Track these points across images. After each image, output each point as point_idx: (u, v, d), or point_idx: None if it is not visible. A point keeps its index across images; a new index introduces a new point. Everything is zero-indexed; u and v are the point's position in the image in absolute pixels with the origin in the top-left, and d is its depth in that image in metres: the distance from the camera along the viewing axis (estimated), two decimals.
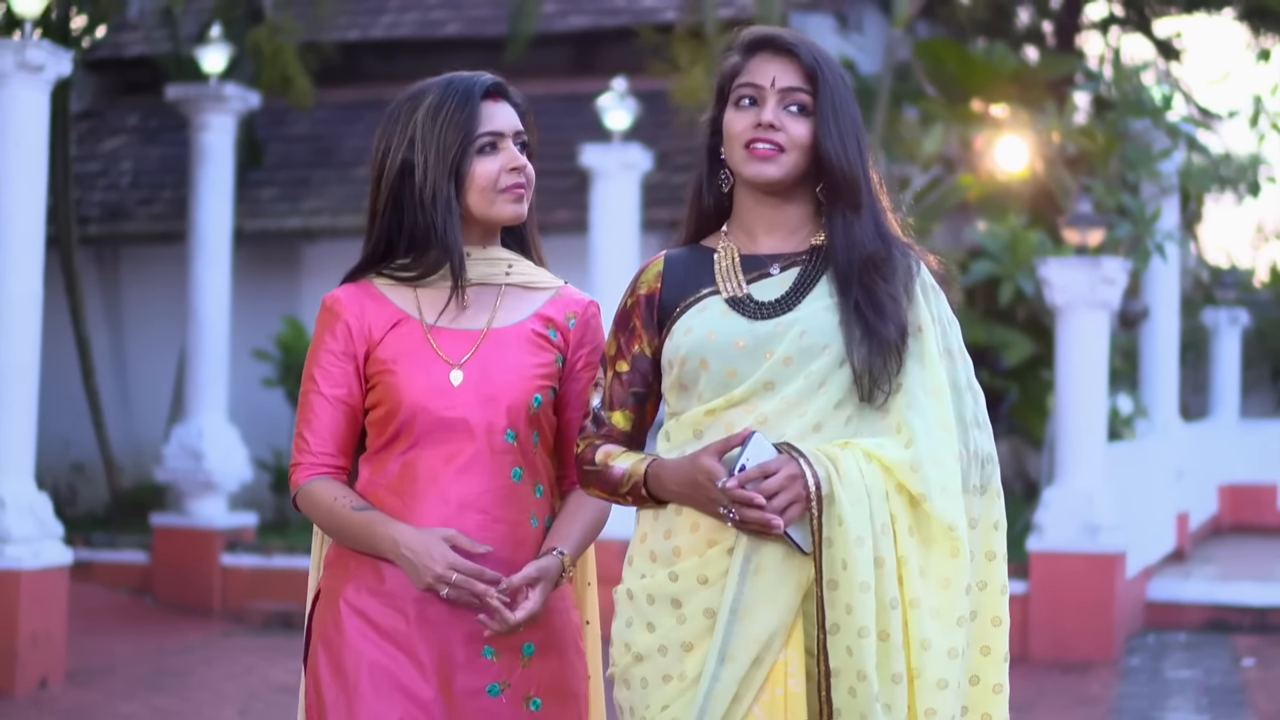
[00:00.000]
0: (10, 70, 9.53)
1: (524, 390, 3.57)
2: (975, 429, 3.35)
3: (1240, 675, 11.36)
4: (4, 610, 9.39)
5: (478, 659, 3.50)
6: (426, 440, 3.53)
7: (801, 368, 3.28)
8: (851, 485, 3.18)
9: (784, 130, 3.34)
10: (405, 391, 3.53)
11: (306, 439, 3.60)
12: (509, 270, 3.66)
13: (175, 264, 15.79)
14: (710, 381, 3.32)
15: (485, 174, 3.56)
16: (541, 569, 3.49)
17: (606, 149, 12.83)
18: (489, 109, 3.58)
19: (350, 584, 3.55)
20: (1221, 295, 21.95)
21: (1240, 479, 21.07)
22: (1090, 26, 21.92)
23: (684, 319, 3.38)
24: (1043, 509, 11.99)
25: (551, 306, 3.69)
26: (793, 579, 3.22)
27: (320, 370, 3.60)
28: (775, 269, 3.39)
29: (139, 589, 13.21)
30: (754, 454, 3.18)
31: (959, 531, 3.21)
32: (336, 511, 3.54)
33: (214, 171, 13.48)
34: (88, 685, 9.80)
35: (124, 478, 15.84)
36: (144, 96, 17.96)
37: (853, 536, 3.16)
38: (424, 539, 3.44)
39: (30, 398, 9.66)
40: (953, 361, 3.36)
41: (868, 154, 3.42)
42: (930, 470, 3.21)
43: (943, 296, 3.42)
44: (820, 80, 3.36)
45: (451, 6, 18.20)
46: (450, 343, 3.58)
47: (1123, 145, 14.66)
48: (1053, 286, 11.97)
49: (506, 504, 3.55)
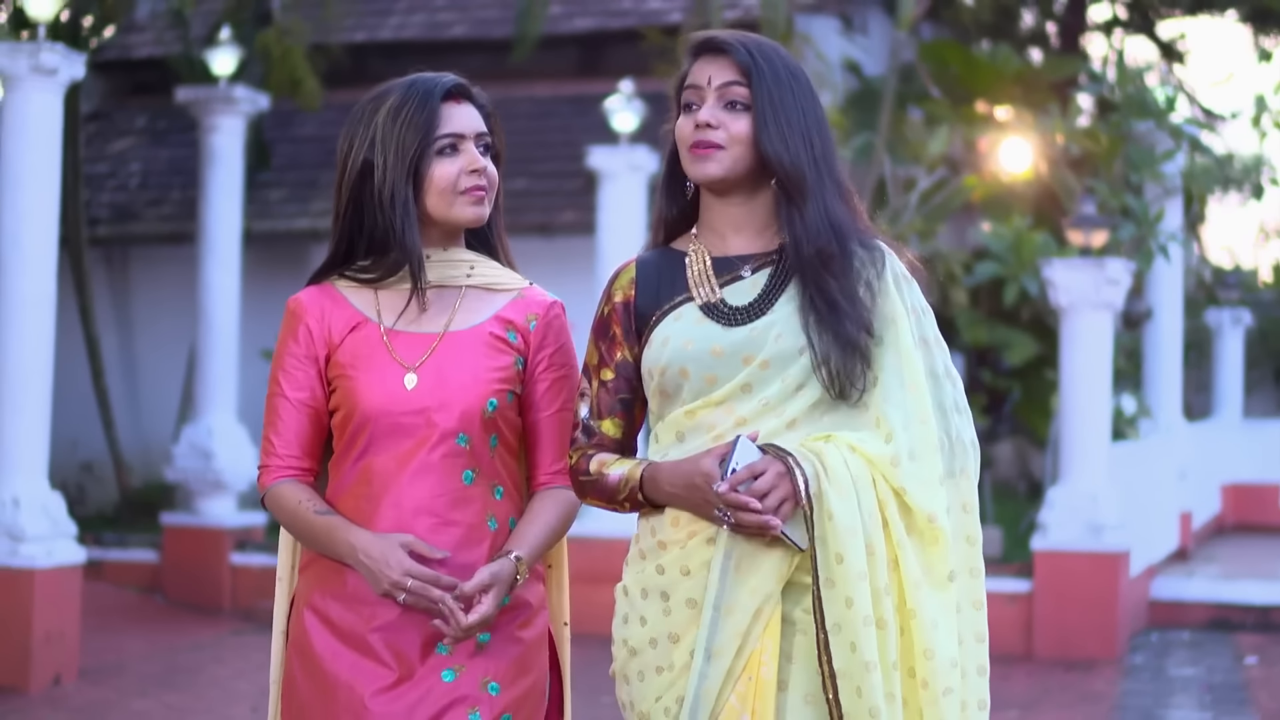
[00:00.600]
0: (24, 73, 9.62)
1: (478, 394, 3.55)
2: (956, 414, 3.36)
3: (1243, 673, 11.43)
4: (18, 608, 9.48)
5: (432, 654, 3.50)
6: (381, 444, 3.53)
7: (779, 371, 3.29)
8: (838, 479, 3.19)
9: (722, 127, 3.33)
10: (360, 395, 3.53)
11: (272, 442, 3.60)
12: (470, 272, 3.64)
13: (184, 265, 15.90)
14: (691, 388, 3.34)
15: (444, 176, 3.54)
16: (494, 574, 3.47)
17: (614, 151, 12.91)
18: (450, 110, 3.56)
19: (317, 589, 3.57)
20: (1225, 295, 22.02)
21: (1243, 479, 21.13)
22: (1094, 28, 21.99)
23: (660, 328, 3.39)
24: (1047, 508, 12.05)
25: (512, 308, 3.65)
26: (773, 571, 3.24)
27: (284, 373, 3.61)
28: (747, 271, 3.39)
29: (149, 588, 13.29)
30: (742, 457, 3.19)
31: (939, 521, 3.23)
32: (300, 515, 3.55)
33: (224, 173, 13.55)
34: (100, 683, 9.89)
35: (133, 477, 15.92)
36: (152, 98, 18.05)
37: (844, 528, 3.18)
38: (381, 545, 3.44)
39: (43, 398, 9.74)
40: (929, 350, 3.36)
41: (823, 144, 3.38)
42: (908, 465, 3.23)
43: (915, 285, 3.41)
44: (755, 74, 3.33)
45: (458, 8, 18.29)
46: (407, 346, 3.57)
47: (1126, 147, 14.73)
48: (1057, 287, 12.04)
49: (459, 507, 3.53)
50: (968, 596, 3.33)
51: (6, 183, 9.70)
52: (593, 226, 13.20)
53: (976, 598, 3.34)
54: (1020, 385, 15.53)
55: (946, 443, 3.31)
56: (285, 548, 3.71)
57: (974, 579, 3.35)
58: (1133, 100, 14.98)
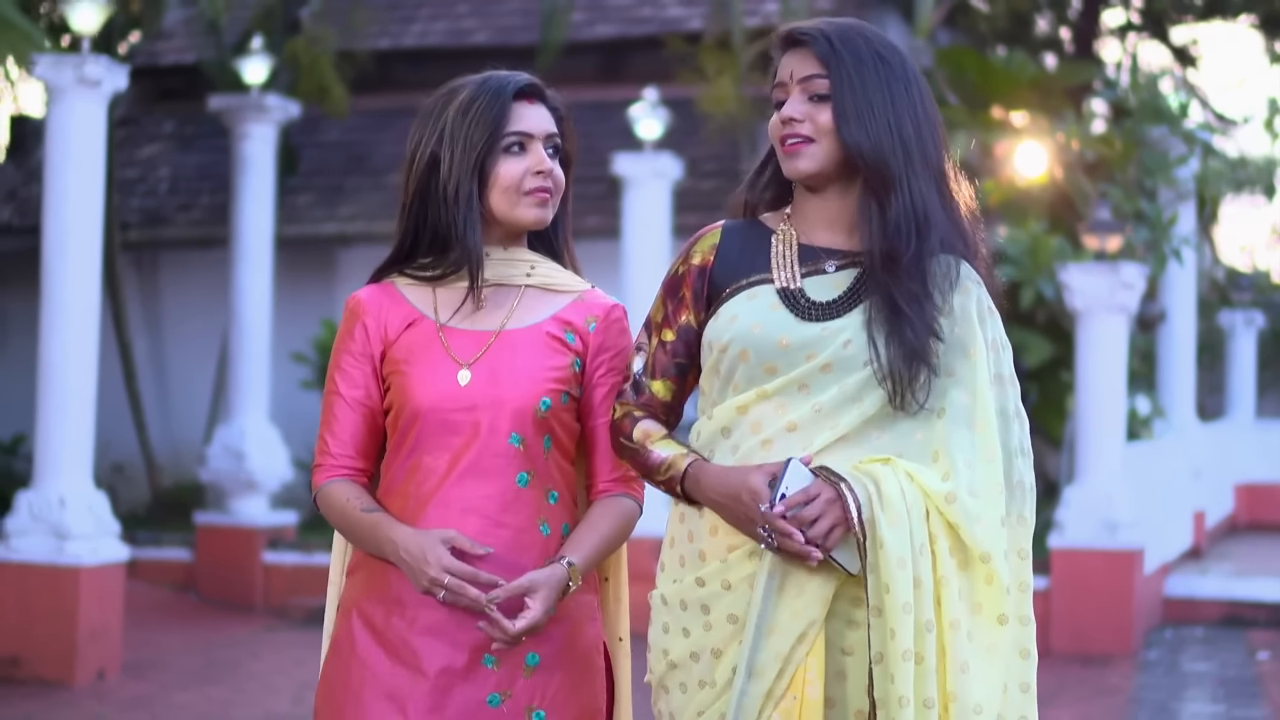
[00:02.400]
0: (69, 85, 9.89)
1: (531, 393, 3.47)
2: (1020, 457, 3.26)
3: (1255, 668, 11.65)
4: (64, 605, 9.75)
5: (478, 668, 3.41)
6: (431, 442, 3.46)
7: (839, 377, 3.19)
8: (891, 506, 3.10)
9: (807, 120, 3.25)
10: (412, 390, 3.47)
11: (327, 441, 3.56)
12: (530, 272, 3.57)
13: (213, 268, 16.20)
14: (746, 374, 3.24)
15: (509, 174, 3.48)
16: (536, 579, 3.38)
17: (638, 157, 13.14)
18: (520, 109, 3.50)
19: (364, 592, 3.51)
20: (1238, 297, 22.21)
21: (1256, 478, 21.29)
22: (1108, 33, 22.18)
23: (731, 303, 3.30)
24: (1063, 507, 12.27)
25: (572, 310, 3.57)
26: (818, 593, 3.16)
27: (340, 372, 3.56)
28: (831, 266, 3.28)
29: (182, 586, 13.54)
30: (793, 481, 3.12)
31: (994, 563, 3.14)
32: (348, 513, 3.50)
33: (255, 179, 13.82)
34: (143, 677, 10.16)
35: (163, 477, 16.20)
36: (179, 104, 18.32)
37: (894, 559, 3.09)
38: (421, 541, 3.36)
39: (88, 401, 10.01)
40: (1003, 388, 3.27)
41: (915, 127, 3.24)
42: (967, 502, 3.13)
43: (998, 318, 3.32)
44: (833, 63, 3.23)
45: (481, 15, 18.53)
46: (462, 343, 3.50)
47: (1140, 152, 14.93)
48: (1073, 291, 12.27)
49: (510, 509, 3.45)
50: (1016, 644, 3.23)
51: (51, 192, 9.97)
52: (617, 231, 13.43)
53: (1024, 646, 3.25)
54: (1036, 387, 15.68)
55: (1010, 485, 3.22)
56: (337, 551, 3.67)
57: (1024, 627, 3.25)
58: (1146, 106, 15.19)
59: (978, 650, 3.14)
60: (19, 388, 16.87)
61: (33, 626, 9.75)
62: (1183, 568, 15.25)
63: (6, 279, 18.03)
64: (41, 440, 9.97)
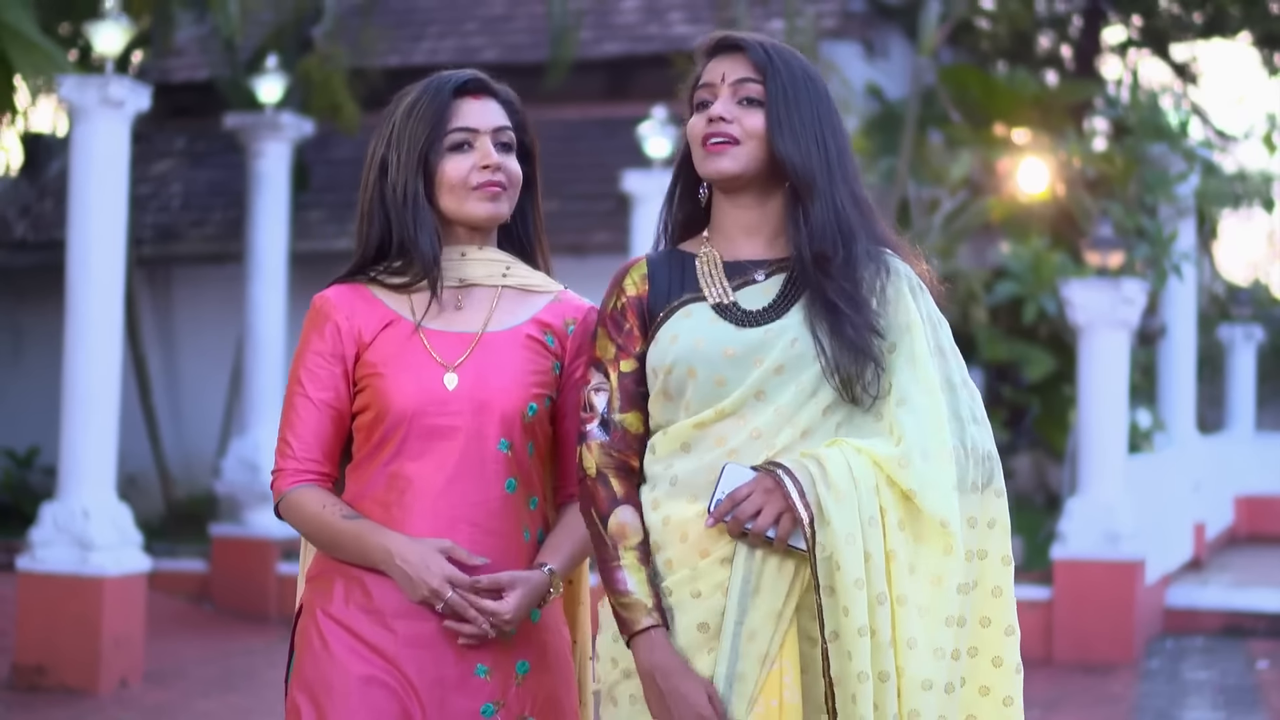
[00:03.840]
0: (93, 105, 10.09)
1: (519, 398, 3.40)
2: (973, 425, 3.22)
3: (1255, 677, 11.82)
4: (88, 614, 9.93)
5: (471, 678, 3.32)
6: (414, 448, 3.35)
7: (794, 376, 3.17)
8: (837, 482, 3.07)
9: (736, 122, 3.23)
10: (394, 395, 3.36)
11: (290, 444, 3.40)
12: (506, 272, 3.50)
13: (226, 284, 16.41)
14: (698, 391, 3.19)
15: (455, 171, 3.43)
16: (516, 575, 3.33)
17: (647, 175, 13.35)
18: (464, 105, 3.46)
19: (335, 599, 3.36)
20: (1237, 312, 22.38)
21: (1256, 490, 21.42)
22: (1109, 50, 22.38)
23: (669, 325, 3.25)
24: (1066, 518, 12.42)
25: (550, 312, 3.51)
26: (787, 588, 3.12)
27: (306, 372, 3.42)
28: (760, 275, 3.27)
29: (197, 596, 13.73)
30: (727, 486, 3.10)
31: (952, 528, 3.09)
32: (325, 520, 3.35)
33: (269, 196, 14.03)
34: (165, 685, 10.34)
35: (177, 489, 16.40)
36: (191, 120, 18.52)
37: (843, 535, 3.06)
38: (419, 550, 3.27)
39: (111, 414, 10.20)
40: (945, 359, 3.25)
41: (836, 147, 3.27)
42: (920, 464, 3.10)
43: (929, 295, 3.30)
44: (770, 71, 3.24)
45: (489, 33, 18.75)
46: (443, 344, 3.40)
47: (1141, 169, 15.12)
48: (1075, 307, 12.44)
49: (500, 517, 3.38)
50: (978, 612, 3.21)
51: (75, 210, 10.16)
52: (625, 247, 13.63)
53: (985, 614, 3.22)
54: (1039, 400, 15.88)
55: (962, 451, 3.18)
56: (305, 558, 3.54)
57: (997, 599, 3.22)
58: (1147, 123, 15.37)
59: (928, 625, 3.09)
60: (34, 400, 17.11)
61: (58, 635, 9.94)
62: (1183, 578, 15.41)
63: (22, 293, 18.25)
64: (65, 453, 10.16)
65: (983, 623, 3.21)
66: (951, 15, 17.01)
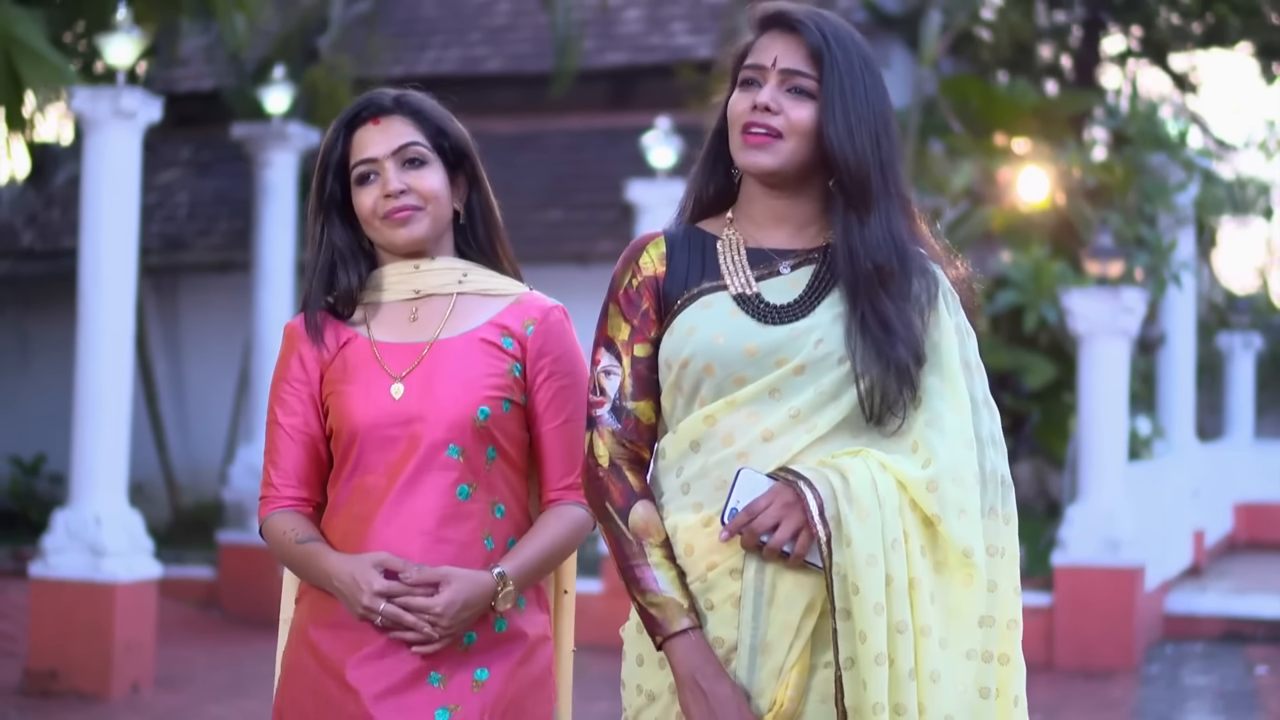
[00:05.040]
0: (105, 117, 10.21)
1: (468, 401, 3.35)
2: (991, 448, 3.04)
3: (1254, 682, 11.93)
4: (100, 620, 10.04)
5: (424, 685, 3.29)
6: (371, 459, 3.36)
7: (814, 379, 2.98)
8: (860, 499, 2.89)
9: (782, 113, 3.00)
10: (348, 410, 3.38)
11: (269, 473, 3.46)
12: (462, 279, 3.47)
13: (232, 292, 16.52)
14: (714, 387, 3.01)
15: (362, 205, 3.44)
16: (452, 571, 3.27)
17: (651, 185, 13.46)
18: (362, 135, 3.45)
19: (310, 618, 3.40)
20: (1236, 320, 22.50)
21: (1255, 497, 21.48)
22: (1109, 60, 22.49)
23: (686, 315, 3.05)
24: (1066, 525, 12.53)
25: (508, 314, 3.46)
26: (804, 601, 2.95)
27: (278, 401, 3.47)
28: (785, 267, 3.06)
29: (205, 602, 13.83)
30: (743, 494, 2.93)
31: (975, 558, 2.93)
32: (285, 544, 3.40)
33: (276, 206, 14.16)
34: (176, 690, 10.45)
35: (184, 497, 16.50)
36: (196, 130, 18.62)
37: (863, 556, 2.88)
38: (351, 567, 3.27)
39: (123, 422, 10.31)
40: (970, 374, 3.06)
41: (890, 147, 3.04)
42: (949, 490, 2.92)
43: (959, 305, 3.11)
44: (826, 60, 3.00)
45: (493, 44, 18.85)
46: (395, 356, 3.40)
47: (1140, 178, 15.22)
48: (1075, 316, 12.56)
49: (452, 524, 3.33)
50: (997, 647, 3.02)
51: (87, 220, 10.28)
52: None
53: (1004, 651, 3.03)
54: (1039, 408, 15.98)
55: (982, 476, 3.00)
56: (288, 582, 3.58)
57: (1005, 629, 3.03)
58: (1146, 134, 15.48)
59: (951, 658, 2.93)
60: (40, 408, 17.23)
61: (70, 641, 10.04)
62: (1183, 585, 15.51)
63: (28, 301, 18.36)
64: (77, 460, 10.28)
65: (1001, 659, 3.02)
66: (952, 26, 17.14)
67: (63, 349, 15.37)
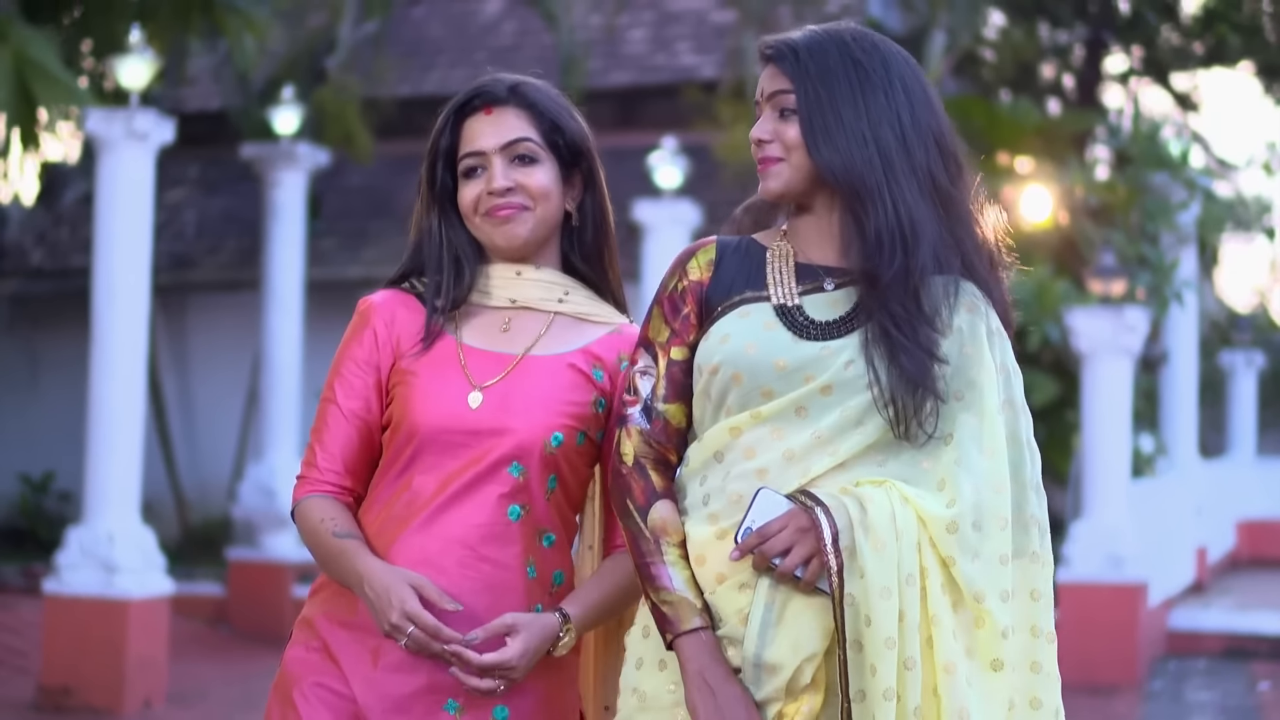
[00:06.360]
0: (118, 138, 10.33)
1: (543, 424, 3.17)
2: (1032, 492, 2.98)
3: (1256, 698, 12.02)
4: (113, 636, 10.12)
5: (438, 712, 3.11)
6: (427, 461, 3.17)
7: (840, 400, 2.92)
8: (877, 530, 2.83)
9: (776, 139, 3.01)
10: (416, 403, 3.18)
11: (315, 453, 3.25)
12: (563, 298, 3.28)
13: (239, 311, 16.62)
14: (740, 398, 2.96)
15: (464, 199, 3.26)
16: (519, 619, 3.08)
17: (658, 204, 13.56)
18: (472, 126, 3.28)
19: (324, 614, 3.21)
20: (1238, 338, 22.59)
21: (1257, 514, 21.57)
22: (1111, 79, 22.61)
23: (723, 322, 3.02)
24: (1070, 542, 12.59)
25: (605, 344, 3.27)
26: (817, 622, 2.88)
27: (340, 379, 3.26)
28: (830, 284, 3.01)
29: (214, 619, 13.90)
30: (761, 513, 2.88)
31: (986, 604, 2.87)
32: (320, 534, 3.16)
33: (285, 226, 14.26)
34: (188, 706, 10.53)
35: (192, 514, 16.60)
36: (203, 149, 18.72)
37: (877, 589, 2.82)
38: (387, 579, 3.05)
39: (136, 439, 10.41)
40: (1014, 414, 2.99)
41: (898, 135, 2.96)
42: (969, 534, 2.87)
43: (1007, 342, 3.04)
44: (799, 77, 3.00)
45: (499, 63, 18.69)
46: (481, 363, 3.21)
47: (1143, 197, 15.31)
48: (1079, 334, 12.65)
49: (494, 543, 3.14)
50: (1024, 693, 2.95)
51: (101, 240, 10.39)
52: (635, 275, 13.80)
53: (1034, 695, 2.96)
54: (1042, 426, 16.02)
55: (1020, 520, 2.96)
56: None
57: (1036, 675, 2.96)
58: (1148, 153, 15.58)
59: (977, 696, 2.86)
60: (49, 426, 17.34)
61: (83, 657, 10.12)
62: (1186, 601, 15.60)
63: (37, 319, 18.46)
64: (90, 477, 10.37)
65: (1033, 704, 2.95)
66: (955, 46, 17.25)
67: (72, 367, 15.53)
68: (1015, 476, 2.95)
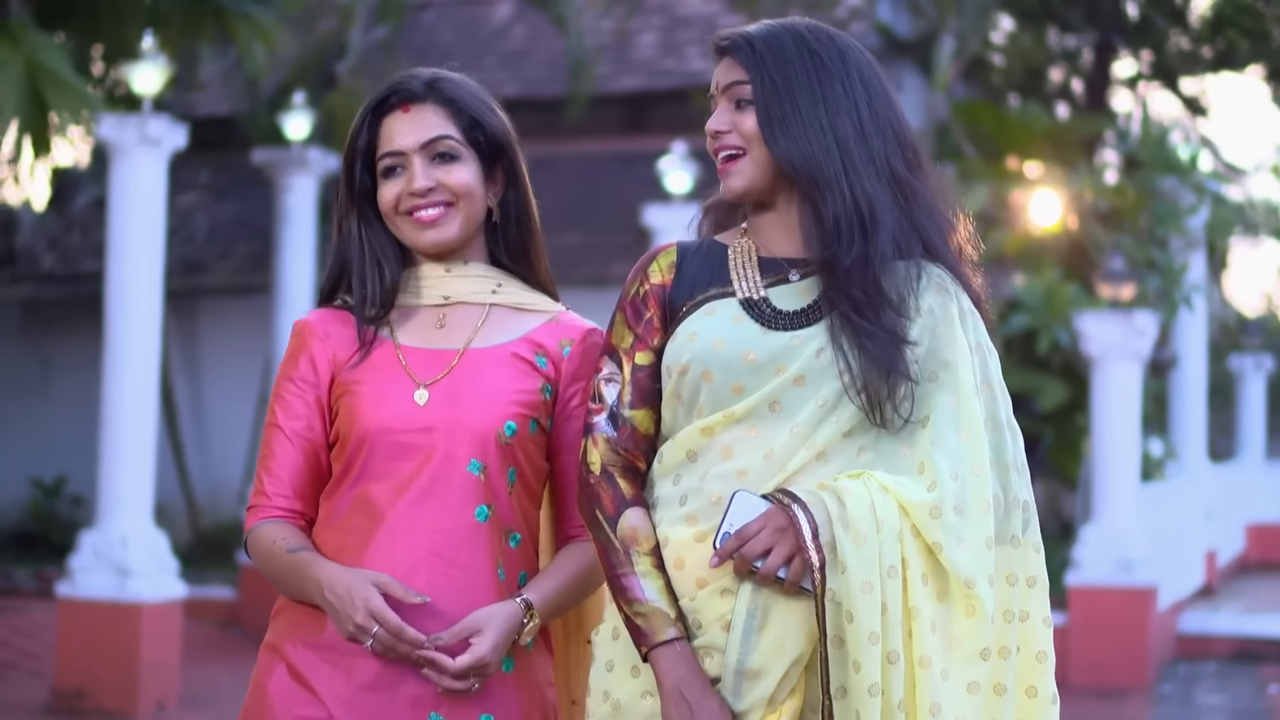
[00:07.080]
0: (131, 144, 10.37)
1: (495, 415, 3.12)
2: (1014, 472, 2.92)
3: (1266, 701, 12.03)
4: (126, 639, 10.16)
5: None
6: (380, 468, 3.10)
7: (814, 390, 2.87)
8: (857, 524, 2.78)
9: (734, 130, 2.97)
10: (362, 410, 3.12)
11: (262, 480, 3.18)
12: (496, 289, 3.25)
13: (250, 315, 16.64)
14: (712, 397, 2.92)
15: (383, 200, 3.19)
16: (479, 616, 3.03)
17: (667, 209, 13.60)
18: (390, 124, 3.20)
19: (288, 637, 3.12)
20: (1247, 342, 22.62)
21: (1266, 518, 21.61)
22: (1119, 84, 22.63)
23: (689, 321, 2.98)
24: (1080, 546, 12.63)
25: (545, 332, 3.23)
26: (801, 627, 2.84)
27: (280, 402, 3.20)
28: (795, 275, 2.98)
29: (226, 623, 13.95)
30: (737, 518, 2.82)
31: (978, 589, 2.81)
32: (274, 554, 3.10)
33: (296, 231, 14.28)
34: (201, 709, 10.57)
35: (204, 518, 16.64)
36: (215, 154, 18.76)
37: (858, 583, 2.77)
38: (348, 581, 2.98)
39: (148, 443, 10.46)
40: (992, 394, 2.94)
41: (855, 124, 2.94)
42: (951, 518, 2.80)
43: (980, 322, 2.99)
44: (755, 66, 2.96)
45: (509, 68, 19.00)
46: (422, 362, 3.16)
47: (1152, 202, 15.32)
48: (1088, 338, 12.69)
49: (465, 547, 3.07)
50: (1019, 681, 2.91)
51: (114, 246, 10.43)
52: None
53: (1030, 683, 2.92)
54: (1052, 429, 16.06)
55: (1002, 502, 2.89)
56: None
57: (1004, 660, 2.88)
58: (1157, 157, 15.59)
59: (953, 690, 2.80)
60: (61, 430, 17.38)
61: (97, 660, 10.17)
62: (1195, 605, 15.62)
63: (49, 324, 18.51)
64: (103, 482, 10.41)
65: (1029, 693, 2.91)
66: (964, 50, 17.28)
67: (83, 371, 15.58)
68: (997, 460, 2.90)
